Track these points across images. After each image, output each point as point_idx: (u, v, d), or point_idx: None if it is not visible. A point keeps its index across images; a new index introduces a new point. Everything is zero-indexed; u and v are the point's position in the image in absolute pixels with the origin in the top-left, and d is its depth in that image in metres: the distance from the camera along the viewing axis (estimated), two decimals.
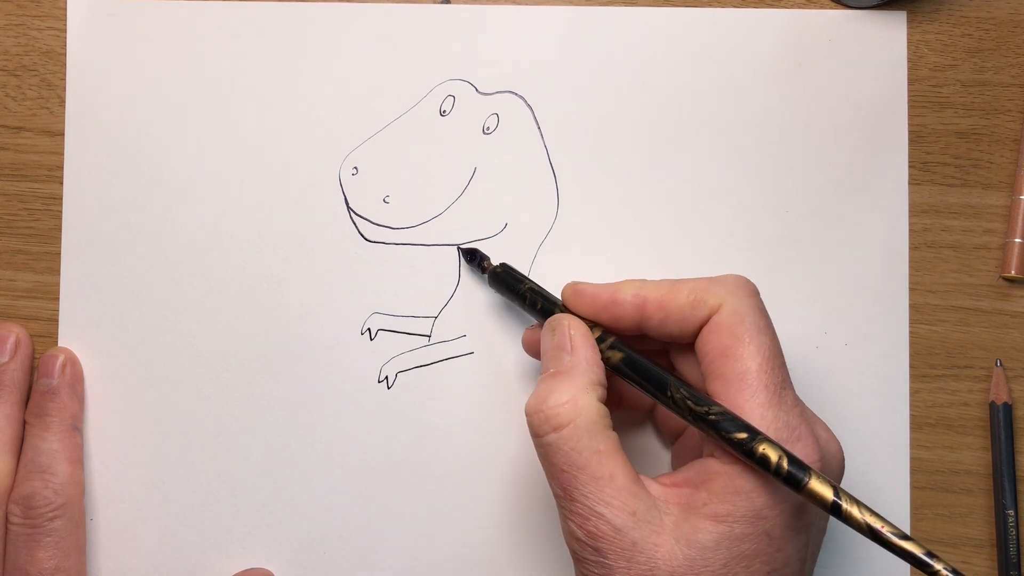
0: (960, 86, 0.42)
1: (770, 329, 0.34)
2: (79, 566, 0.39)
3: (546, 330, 0.36)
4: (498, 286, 0.40)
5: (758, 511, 0.31)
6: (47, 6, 0.43)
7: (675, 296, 0.34)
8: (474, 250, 0.41)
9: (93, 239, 0.42)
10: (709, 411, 0.32)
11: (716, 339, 0.33)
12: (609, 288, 0.35)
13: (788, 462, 0.30)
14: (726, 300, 0.34)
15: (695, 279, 0.35)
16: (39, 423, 0.40)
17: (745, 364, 0.32)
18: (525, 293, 0.38)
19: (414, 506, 0.41)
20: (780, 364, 0.33)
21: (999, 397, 0.41)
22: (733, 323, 0.33)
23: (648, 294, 0.35)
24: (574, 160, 0.42)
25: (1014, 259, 0.41)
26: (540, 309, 0.38)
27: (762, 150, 0.42)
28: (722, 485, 0.31)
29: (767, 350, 0.33)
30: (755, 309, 0.34)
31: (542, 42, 0.42)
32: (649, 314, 0.35)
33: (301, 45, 0.42)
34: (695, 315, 0.34)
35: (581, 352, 0.34)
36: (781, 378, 0.33)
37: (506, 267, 0.40)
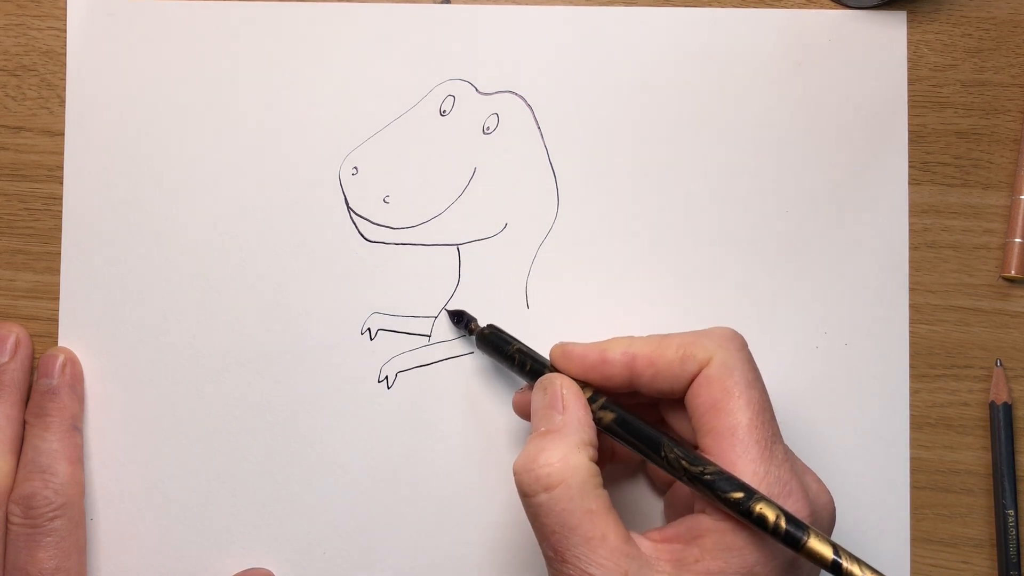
0: (960, 86, 0.42)
1: (759, 382, 0.34)
2: (79, 566, 0.39)
3: (537, 389, 0.36)
4: (486, 348, 0.39)
5: (750, 567, 0.31)
6: (47, 6, 0.43)
7: (664, 352, 0.34)
8: (461, 312, 0.41)
9: (93, 239, 0.42)
10: (704, 471, 0.32)
11: (706, 393, 0.33)
12: (598, 347, 0.35)
13: (786, 521, 0.30)
14: (715, 354, 0.34)
15: (683, 333, 0.35)
16: (39, 423, 0.40)
17: (735, 419, 0.32)
18: (514, 354, 0.38)
19: (414, 506, 0.41)
20: (770, 418, 0.33)
21: (999, 397, 0.41)
22: (722, 377, 0.33)
23: (637, 351, 0.35)
24: (574, 160, 0.42)
25: (1014, 259, 0.41)
26: (529, 370, 0.37)
27: (762, 150, 0.42)
28: (714, 542, 0.31)
29: (757, 404, 0.33)
30: (744, 362, 0.34)
31: (542, 42, 0.42)
32: (639, 371, 0.35)
33: (301, 45, 0.42)
34: (685, 370, 0.34)
35: (572, 411, 0.34)
36: (771, 432, 0.33)
37: (494, 329, 0.39)
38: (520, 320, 0.41)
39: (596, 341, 0.36)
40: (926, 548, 0.41)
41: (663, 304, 0.41)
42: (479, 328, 0.40)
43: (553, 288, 0.41)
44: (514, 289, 0.42)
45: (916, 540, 0.41)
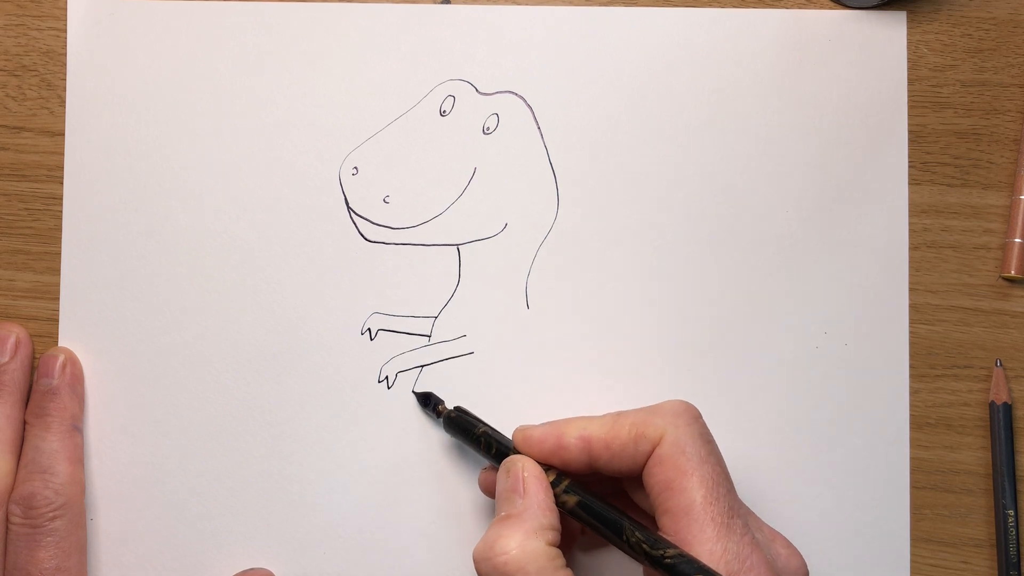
0: (960, 86, 0.42)
1: (712, 456, 0.34)
2: (80, 566, 0.39)
3: (501, 472, 0.36)
4: (453, 430, 0.39)
5: None
6: (47, 6, 0.43)
7: (617, 433, 0.35)
8: (428, 394, 0.41)
9: (93, 239, 0.42)
10: (664, 554, 0.32)
11: (659, 472, 0.33)
12: (555, 432, 0.36)
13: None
14: (666, 431, 0.34)
15: (636, 411, 0.35)
16: (39, 423, 0.40)
17: (690, 496, 0.33)
18: (480, 437, 0.38)
19: (414, 506, 0.41)
20: (726, 491, 0.33)
21: (999, 397, 0.41)
22: (674, 455, 0.33)
23: (592, 433, 0.35)
24: (574, 160, 0.42)
25: (1014, 259, 0.41)
26: (495, 453, 0.38)
27: (762, 150, 0.42)
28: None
29: (710, 480, 0.33)
30: (695, 437, 0.34)
31: (542, 42, 0.42)
32: (596, 454, 0.35)
33: (301, 45, 0.42)
34: (638, 450, 0.34)
35: (532, 495, 0.34)
36: (727, 506, 0.33)
37: (460, 411, 0.40)
38: (520, 320, 0.41)
39: (554, 423, 0.36)
40: (926, 548, 0.41)
41: (663, 304, 0.41)
42: (446, 411, 0.40)
43: (553, 288, 0.41)
44: (514, 289, 0.42)
45: (916, 540, 0.41)
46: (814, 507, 0.41)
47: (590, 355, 0.41)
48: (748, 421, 0.41)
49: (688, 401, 0.35)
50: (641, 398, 0.41)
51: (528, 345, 0.41)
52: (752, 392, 0.41)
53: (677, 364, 0.41)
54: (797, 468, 0.41)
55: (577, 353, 0.41)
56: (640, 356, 0.41)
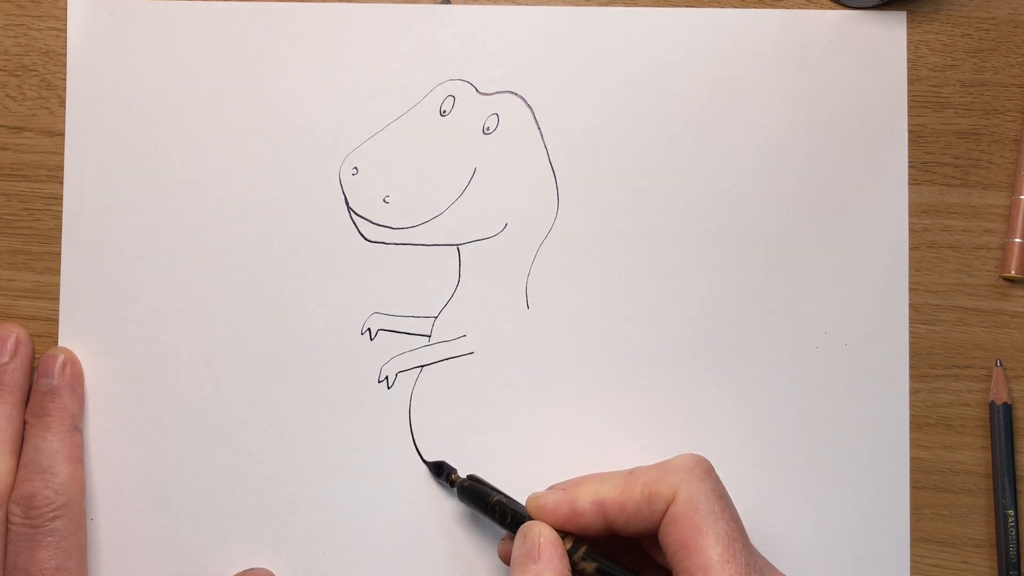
0: (960, 86, 0.42)
1: (727, 511, 0.34)
2: (80, 566, 0.39)
3: (518, 537, 0.36)
4: (467, 499, 0.39)
5: None
6: (47, 6, 0.43)
7: (631, 494, 0.34)
8: (441, 463, 0.40)
9: (93, 239, 0.42)
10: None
11: (674, 531, 0.33)
12: (568, 499, 0.35)
13: None
14: (679, 489, 0.34)
15: (648, 469, 0.35)
16: (39, 423, 0.40)
17: (706, 556, 0.32)
18: (495, 506, 0.38)
19: (414, 506, 0.41)
20: (742, 547, 0.33)
21: (999, 397, 0.41)
22: (688, 514, 0.33)
23: (605, 496, 0.35)
24: (574, 160, 0.42)
25: (1014, 259, 0.41)
26: (511, 522, 0.37)
27: (762, 150, 0.42)
28: None
29: (726, 538, 0.33)
30: (708, 493, 0.34)
31: (542, 42, 0.42)
32: (611, 517, 0.35)
33: (301, 45, 0.42)
34: (653, 509, 0.34)
35: (547, 561, 0.34)
36: (745, 562, 0.33)
37: (474, 479, 0.39)
38: (520, 320, 0.41)
39: (567, 489, 0.36)
40: (926, 548, 0.41)
41: (663, 304, 0.41)
42: (459, 480, 0.40)
43: (553, 288, 0.41)
44: (514, 289, 0.42)
45: (916, 540, 0.41)
46: (814, 507, 0.41)
47: (590, 355, 0.41)
48: (748, 421, 0.41)
49: (699, 455, 0.35)
50: (640, 397, 0.41)
51: (528, 345, 0.41)
52: (752, 392, 0.41)
53: (677, 363, 0.41)
54: (797, 468, 0.41)
55: (577, 353, 0.41)
56: (640, 356, 0.41)
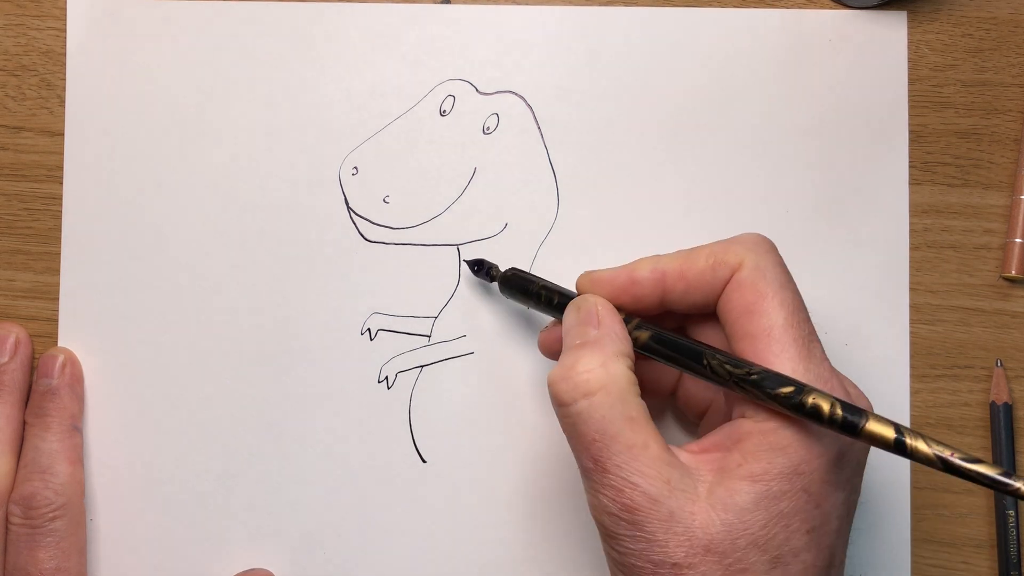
0: (960, 86, 0.42)
1: (792, 283, 0.33)
2: (80, 566, 0.39)
3: (570, 310, 0.35)
4: (510, 291, 0.39)
5: (795, 467, 0.30)
6: (47, 6, 0.43)
7: (694, 263, 0.33)
8: (480, 260, 0.40)
9: (93, 239, 0.42)
10: (750, 372, 0.30)
11: (738, 297, 0.32)
12: (626, 269, 0.35)
13: (842, 408, 0.29)
14: (746, 257, 0.33)
15: (711, 244, 0.34)
16: (39, 423, 0.40)
17: (771, 319, 0.31)
18: (539, 292, 0.37)
19: (414, 506, 0.41)
20: (805, 318, 0.32)
21: (999, 397, 0.41)
22: (755, 279, 0.32)
23: (666, 267, 0.34)
24: (574, 160, 0.42)
25: (1014, 259, 0.41)
26: (557, 305, 0.36)
27: (762, 150, 0.42)
28: (756, 444, 0.30)
29: (791, 304, 0.32)
30: (775, 264, 0.33)
31: (542, 42, 0.42)
32: (670, 286, 0.34)
33: (301, 45, 0.42)
34: (716, 277, 0.33)
35: (608, 325, 0.33)
36: (808, 331, 0.32)
37: (516, 271, 0.39)
38: (520, 320, 0.41)
39: (622, 265, 0.35)
40: (926, 548, 0.41)
41: None
42: (501, 273, 0.39)
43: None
44: None
45: (916, 540, 0.41)
46: None
47: None
48: None
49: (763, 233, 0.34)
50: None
51: (528, 345, 0.41)
52: None
53: None
54: None
55: None
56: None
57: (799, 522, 0.30)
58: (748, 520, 0.30)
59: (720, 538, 0.29)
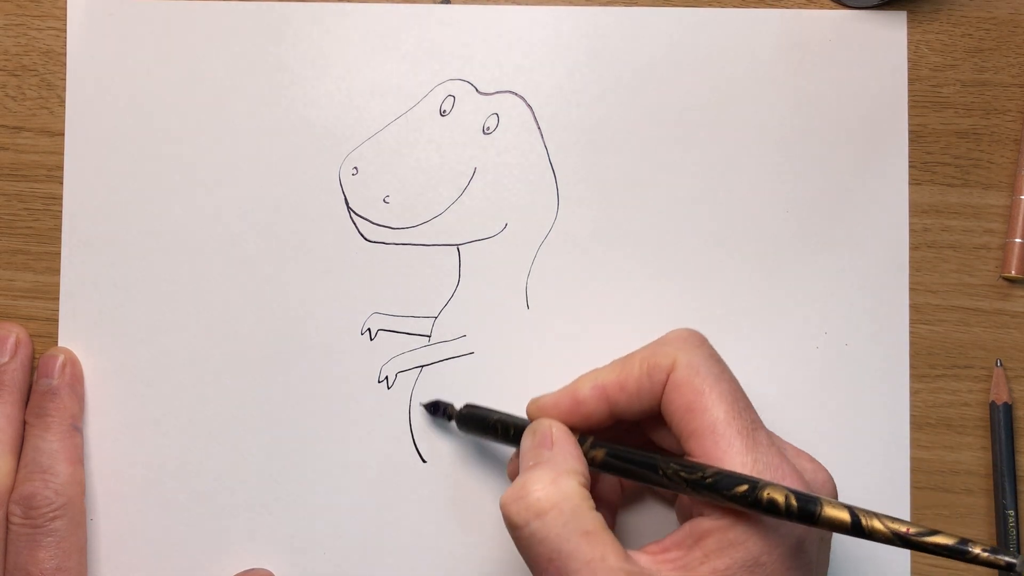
0: (960, 86, 0.42)
1: (727, 374, 0.34)
2: (80, 566, 0.39)
3: (527, 435, 0.36)
4: (468, 427, 0.39)
5: (756, 558, 0.31)
6: (47, 6, 0.43)
7: (630, 372, 0.34)
8: (436, 402, 0.41)
9: (93, 239, 0.42)
10: (704, 476, 0.31)
11: (677, 397, 0.33)
12: (568, 391, 0.36)
13: (796, 499, 0.30)
14: (677, 357, 0.34)
15: (643, 348, 0.35)
16: (39, 423, 0.40)
17: (712, 415, 0.32)
18: (495, 424, 0.38)
19: (414, 506, 0.41)
20: (746, 406, 0.33)
21: (999, 397, 0.41)
22: (690, 377, 0.33)
23: (604, 381, 0.35)
24: (574, 160, 0.42)
25: (1014, 259, 0.41)
26: (514, 436, 0.37)
27: (762, 150, 0.42)
28: (716, 540, 0.31)
29: (729, 396, 0.33)
30: (707, 358, 0.34)
31: (542, 42, 0.42)
32: (613, 399, 0.35)
33: (301, 45, 0.42)
34: (654, 382, 0.34)
35: (561, 444, 0.34)
36: (750, 420, 0.33)
37: (471, 407, 0.39)
38: (520, 320, 0.41)
39: (564, 387, 0.36)
40: None
41: (663, 304, 0.41)
42: (457, 412, 0.40)
43: (553, 288, 0.41)
44: (514, 289, 0.42)
45: None
46: None
47: (590, 355, 0.41)
48: None
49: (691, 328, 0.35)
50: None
51: (528, 345, 0.41)
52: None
53: None
54: None
55: (577, 353, 0.41)
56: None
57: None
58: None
59: None
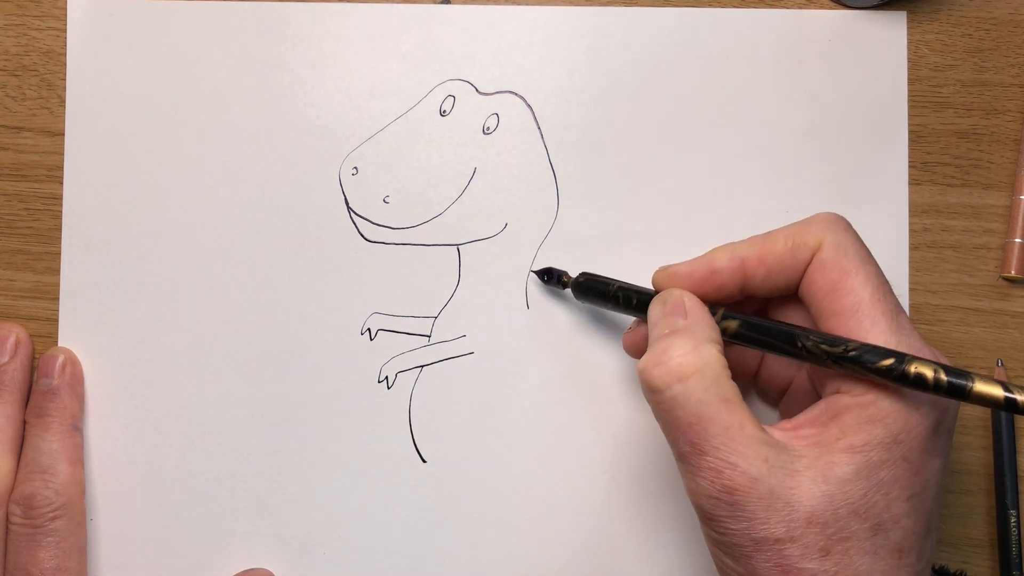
0: (960, 86, 0.42)
1: (872, 258, 0.33)
2: (80, 566, 0.39)
3: (655, 303, 0.35)
4: (584, 295, 0.39)
5: (895, 436, 0.30)
6: (47, 6, 0.43)
7: (772, 247, 0.34)
8: (549, 269, 0.40)
9: (93, 239, 0.42)
10: (848, 348, 0.30)
11: (822, 276, 0.33)
12: (703, 260, 0.35)
13: (946, 373, 0.29)
14: (825, 237, 0.33)
15: (786, 226, 0.34)
16: (39, 423, 0.40)
17: (858, 295, 0.32)
18: (616, 294, 0.37)
19: (414, 506, 0.41)
20: (890, 291, 0.32)
21: None
22: (836, 257, 0.32)
23: (744, 253, 0.34)
24: (574, 160, 0.42)
25: (1014, 259, 0.41)
26: (637, 304, 0.36)
27: (762, 150, 0.42)
28: (855, 417, 0.30)
29: (875, 278, 0.32)
30: (854, 241, 0.33)
31: (542, 42, 0.42)
32: (751, 273, 0.34)
33: (301, 45, 0.42)
34: (797, 259, 0.33)
35: (696, 314, 0.33)
36: (894, 304, 0.32)
37: (588, 275, 0.39)
38: (520, 320, 0.41)
39: (697, 257, 0.35)
40: None
41: None
42: (572, 279, 0.39)
43: (553, 288, 0.41)
44: (514, 289, 0.42)
45: None
46: None
47: (590, 355, 0.41)
48: None
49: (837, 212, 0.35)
50: (641, 397, 0.41)
51: (528, 345, 0.41)
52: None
53: None
54: None
55: (577, 353, 0.41)
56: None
57: (899, 489, 0.30)
58: (848, 490, 0.30)
59: (821, 509, 0.30)
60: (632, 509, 0.41)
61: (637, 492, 0.41)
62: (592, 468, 0.41)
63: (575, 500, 0.41)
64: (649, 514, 0.41)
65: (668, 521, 0.41)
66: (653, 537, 0.41)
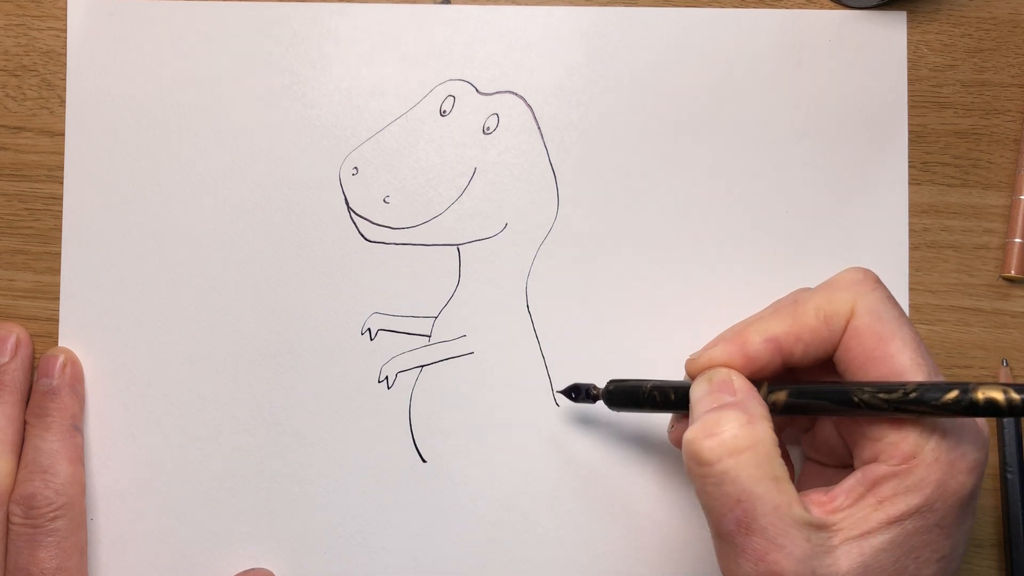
0: (960, 86, 0.42)
1: (905, 317, 0.32)
2: (80, 566, 0.39)
3: (700, 382, 0.33)
4: (618, 404, 0.37)
5: (930, 505, 0.30)
6: (47, 6, 0.43)
7: (804, 321, 0.33)
8: (576, 386, 0.39)
9: (93, 239, 0.42)
10: (907, 391, 0.29)
11: (857, 345, 0.32)
12: (736, 346, 0.33)
13: (1016, 390, 0.28)
14: (856, 303, 0.32)
15: (814, 293, 0.33)
16: (39, 423, 0.40)
17: (897, 361, 0.31)
18: (651, 394, 0.35)
19: (414, 506, 0.41)
20: (926, 351, 0.32)
21: None
22: (871, 323, 0.32)
23: (776, 332, 0.33)
24: (574, 160, 0.42)
25: (1014, 259, 0.41)
26: (676, 401, 0.35)
27: (762, 150, 0.42)
28: (892, 487, 0.30)
29: (912, 342, 0.31)
30: (886, 300, 0.32)
31: (542, 42, 0.42)
32: (788, 350, 0.33)
33: (301, 45, 0.42)
34: (832, 330, 0.32)
35: (745, 391, 0.32)
36: (931, 364, 0.31)
37: (618, 383, 0.37)
38: (520, 320, 0.41)
39: (727, 338, 0.34)
40: None
41: (663, 304, 0.41)
42: (600, 391, 0.38)
43: (553, 288, 0.41)
44: (514, 289, 0.42)
45: None
46: None
47: (590, 355, 0.41)
48: None
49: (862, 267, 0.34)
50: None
51: (528, 345, 0.41)
52: None
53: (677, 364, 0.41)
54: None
55: (577, 353, 0.41)
56: (641, 355, 0.41)
57: (930, 552, 0.30)
58: (882, 559, 0.30)
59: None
60: (633, 509, 0.41)
61: (638, 492, 0.41)
62: (592, 468, 0.41)
63: (575, 500, 0.41)
64: (649, 514, 0.41)
65: (668, 518, 0.41)
66: (653, 536, 0.41)
